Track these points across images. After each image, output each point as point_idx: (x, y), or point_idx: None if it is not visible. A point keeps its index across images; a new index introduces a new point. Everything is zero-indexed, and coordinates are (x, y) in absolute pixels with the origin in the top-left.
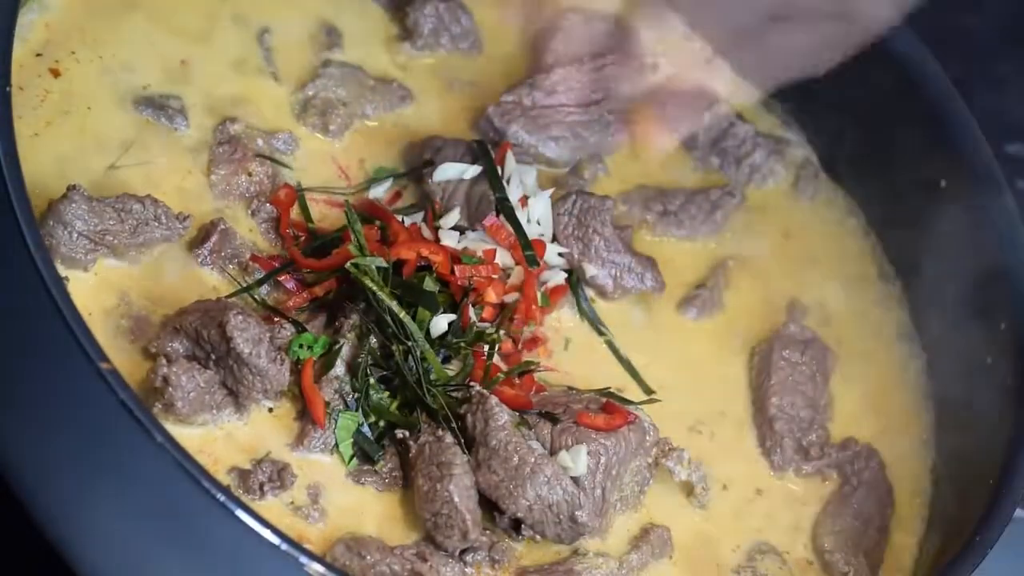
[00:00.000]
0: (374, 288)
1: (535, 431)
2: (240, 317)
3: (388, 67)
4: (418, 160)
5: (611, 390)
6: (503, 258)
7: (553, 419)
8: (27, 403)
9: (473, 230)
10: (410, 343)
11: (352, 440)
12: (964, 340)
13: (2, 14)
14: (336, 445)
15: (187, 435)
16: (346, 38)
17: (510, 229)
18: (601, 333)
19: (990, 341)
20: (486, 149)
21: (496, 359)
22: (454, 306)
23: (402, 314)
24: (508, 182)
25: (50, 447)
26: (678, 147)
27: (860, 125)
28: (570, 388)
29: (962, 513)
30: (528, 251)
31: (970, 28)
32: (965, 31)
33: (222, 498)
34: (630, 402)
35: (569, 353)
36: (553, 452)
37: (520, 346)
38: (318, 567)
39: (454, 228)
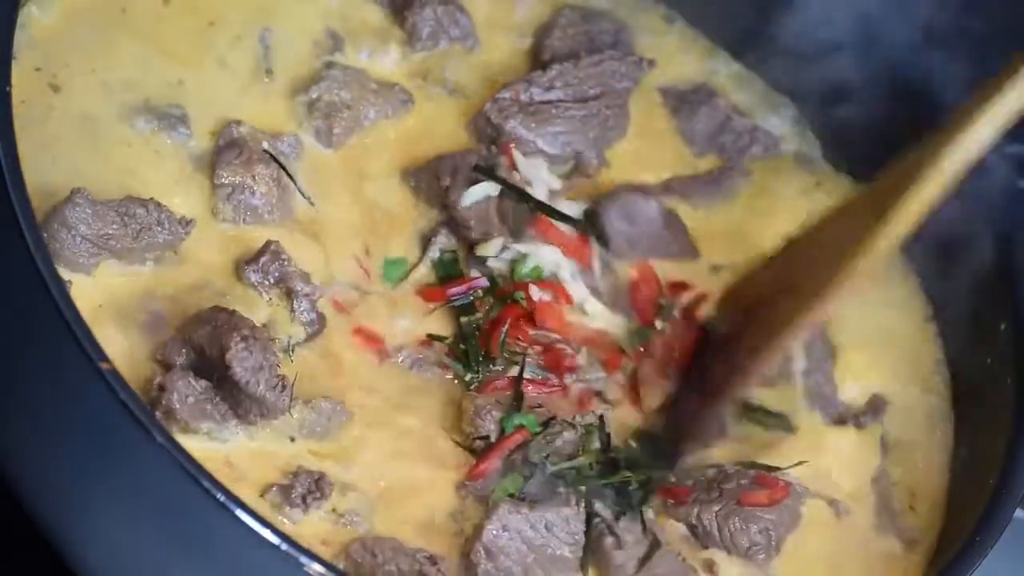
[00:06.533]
0: None
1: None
2: (242, 345)
3: (390, 70)
4: (430, 185)
5: (757, 461)
6: (554, 255)
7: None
8: (28, 404)
9: (517, 241)
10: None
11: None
12: (964, 339)
13: (1, 15)
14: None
15: (195, 446)
16: (348, 41)
17: (558, 226)
18: None
19: (990, 341)
20: (490, 170)
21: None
22: None
23: None
24: (529, 182)
25: (51, 448)
26: (677, 140)
27: (860, 120)
28: (710, 466)
29: (962, 513)
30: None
31: (970, 28)
32: (965, 31)
33: (222, 498)
34: (779, 468)
35: None
36: (720, 536)
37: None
38: (318, 567)
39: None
